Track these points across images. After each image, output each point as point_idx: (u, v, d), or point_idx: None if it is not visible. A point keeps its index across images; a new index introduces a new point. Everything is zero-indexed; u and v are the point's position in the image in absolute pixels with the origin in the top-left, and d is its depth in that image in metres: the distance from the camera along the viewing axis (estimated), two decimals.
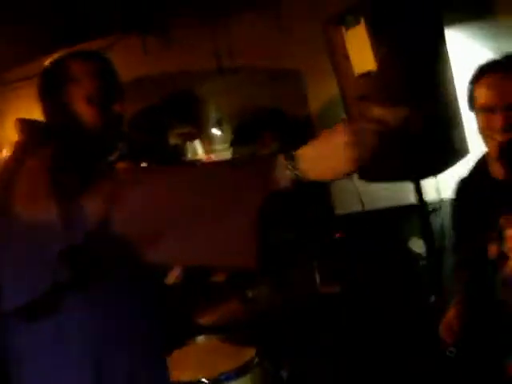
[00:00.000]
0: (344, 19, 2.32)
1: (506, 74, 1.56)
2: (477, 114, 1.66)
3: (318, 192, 3.41)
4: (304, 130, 4.47)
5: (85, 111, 1.68)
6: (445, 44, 2.41)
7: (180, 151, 4.80)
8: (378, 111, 1.26)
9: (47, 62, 1.74)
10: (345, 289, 2.80)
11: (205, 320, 2.35)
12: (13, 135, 1.88)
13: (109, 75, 1.68)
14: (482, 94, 1.61)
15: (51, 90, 1.70)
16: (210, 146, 6.82)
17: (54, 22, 3.20)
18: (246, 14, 3.50)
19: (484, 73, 1.62)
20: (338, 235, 3.06)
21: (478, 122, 1.65)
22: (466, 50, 2.78)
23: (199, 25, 3.48)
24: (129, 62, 3.53)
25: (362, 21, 2.24)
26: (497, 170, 1.68)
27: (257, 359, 2.08)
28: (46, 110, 1.69)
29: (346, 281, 2.83)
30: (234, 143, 4.35)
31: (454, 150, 2.39)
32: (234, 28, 3.50)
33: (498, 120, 1.55)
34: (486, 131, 1.62)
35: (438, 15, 2.42)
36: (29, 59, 3.71)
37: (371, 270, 2.97)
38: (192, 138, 6.45)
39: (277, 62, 3.65)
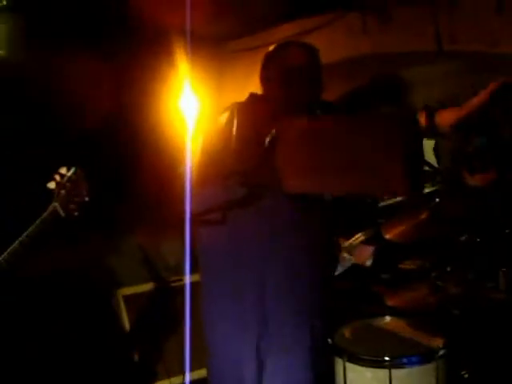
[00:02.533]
0: None
1: None
2: None
3: None
4: None
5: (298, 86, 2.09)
6: None
7: None
8: None
9: (271, 48, 2.04)
10: None
11: (393, 302, 2.36)
12: (230, 100, 2.14)
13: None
14: None
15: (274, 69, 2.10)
16: None
17: None
18: None
19: None
20: None
21: None
22: None
23: (420, 6, 3.34)
24: (347, 40, 3.57)
25: None
26: None
27: (443, 351, 2.04)
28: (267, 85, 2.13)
29: None
30: None
31: None
32: (456, 10, 3.30)
33: None
34: None
35: None
36: (251, 32, 3.94)
37: None
38: None
39: (497, 49, 3.39)
